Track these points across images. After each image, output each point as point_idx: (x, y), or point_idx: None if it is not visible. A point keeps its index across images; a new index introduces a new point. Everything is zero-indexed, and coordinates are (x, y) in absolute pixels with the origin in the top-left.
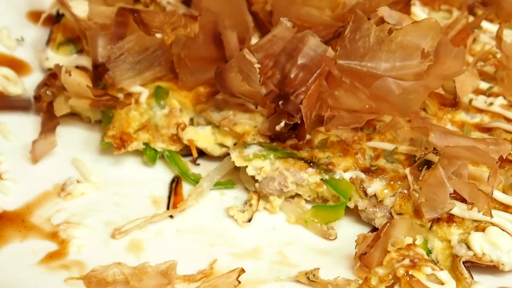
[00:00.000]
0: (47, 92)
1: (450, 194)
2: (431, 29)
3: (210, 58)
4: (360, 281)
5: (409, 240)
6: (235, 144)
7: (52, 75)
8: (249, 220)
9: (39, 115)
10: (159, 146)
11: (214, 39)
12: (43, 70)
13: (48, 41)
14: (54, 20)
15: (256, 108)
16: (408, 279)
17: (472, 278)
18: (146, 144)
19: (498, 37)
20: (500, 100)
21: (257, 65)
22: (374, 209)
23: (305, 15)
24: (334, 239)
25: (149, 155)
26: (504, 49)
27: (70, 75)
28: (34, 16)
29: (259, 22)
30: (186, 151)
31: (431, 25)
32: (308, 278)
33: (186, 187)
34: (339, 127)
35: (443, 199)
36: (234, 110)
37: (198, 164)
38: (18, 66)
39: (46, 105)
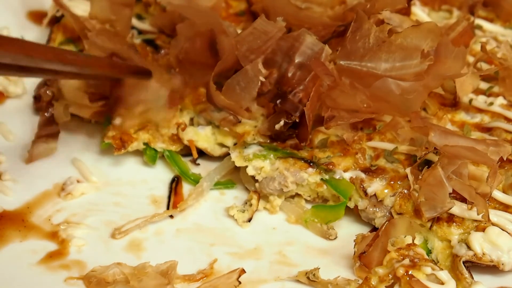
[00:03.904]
0: (47, 92)
1: (450, 193)
2: (430, 32)
3: (207, 64)
4: (360, 281)
5: (409, 240)
6: (235, 144)
7: None
8: (249, 220)
9: (39, 115)
10: (159, 146)
11: (210, 46)
12: None
13: (48, 41)
14: (54, 20)
15: (239, 122)
16: (408, 279)
17: (472, 277)
18: (146, 144)
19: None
20: (500, 100)
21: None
22: (374, 209)
23: (304, 16)
24: (334, 239)
25: (149, 155)
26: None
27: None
28: (34, 16)
29: None
30: (186, 151)
31: (430, 28)
32: (308, 277)
33: (186, 187)
34: (338, 122)
35: (442, 199)
36: None
37: (198, 164)
38: None
39: (46, 105)
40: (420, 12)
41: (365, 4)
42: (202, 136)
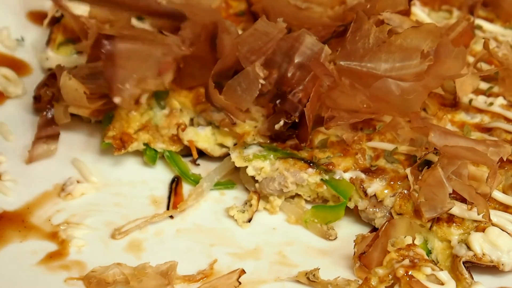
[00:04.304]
0: (47, 92)
1: (450, 194)
2: (430, 33)
3: (206, 59)
4: (360, 281)
5: (409, 240)
6: (235, 145)
7: (52, 75)
8: (249, 220)
9: (39, 115)
10: (159, 146)
11: (211, 40)
12: (43, 70)
13: (48, 41)
14: (54, 20)
15: (234, 124)
16: (408, 279)
17: (472, 278)
18: (146, 144)
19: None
20: (500, 100)
21: None
22: (374, 209)
23: (303, 16)
24: (334, 239)
25: (149, 155)
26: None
27: (70, 78)
28: (34, 16)
29: None
30: (186, 151)
31: (430, 29)
32: (308, 278)
33: (186, 187)
34: (338, 122)
35: (442, 199)
36: None
37: (198, 165)
38: (18, 66)
39: (46, 105)
40: (420, 12)
41: (365, 4)
42: (202, 137)
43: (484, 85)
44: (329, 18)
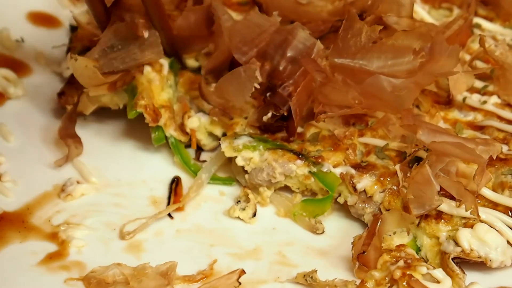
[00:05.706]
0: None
1: (439, 191)
2: (421, 36)
3: (201, 37)
4: (358, 281)
5: (397, 241)
6: (223, 134)
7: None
8: (254, 215)
9: (64, 110)
10: (171, 132)
11: (207, 19)
12: (63, 79)
13: (68, 50)
14: (72, 29)
15: (231, 119)
16: (407, 279)
17: (464, 273)
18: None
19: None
20: (494, 99)
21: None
22: (364, 205)
23: (302, 11)
24: (321, 233)
25: (158, 136)
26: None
27: (76, 60)
28: (34, 16)
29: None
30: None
31: (421, 33)
32: (306, 280)
33: (186, 188)
34: (328, 114)
35: (430, 196)
36: None
37: (204, 161)
38: (18, 67)
39: (72, 99)
40: (420, 10)
41: (366, 1)
42: (202, 125)
43: (479, 84)
44: (329, 13)
